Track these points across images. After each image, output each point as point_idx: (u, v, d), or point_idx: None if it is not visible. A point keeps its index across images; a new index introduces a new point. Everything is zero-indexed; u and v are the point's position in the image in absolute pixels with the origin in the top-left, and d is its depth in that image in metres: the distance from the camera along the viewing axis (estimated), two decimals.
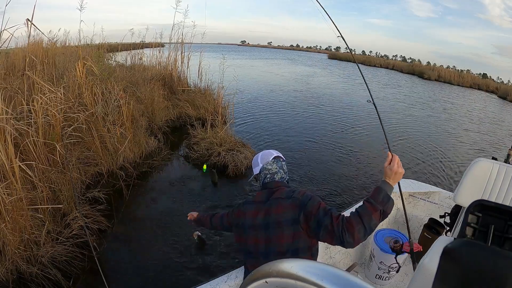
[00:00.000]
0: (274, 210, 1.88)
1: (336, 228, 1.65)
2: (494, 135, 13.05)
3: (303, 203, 1.80)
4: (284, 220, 1.83)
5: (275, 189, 2.00)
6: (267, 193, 2.00)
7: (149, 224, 4.71)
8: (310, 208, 1.77)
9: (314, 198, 1.84)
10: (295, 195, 1.86)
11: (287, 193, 1.92)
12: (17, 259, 3.30)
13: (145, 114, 7.82)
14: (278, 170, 2.11)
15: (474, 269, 0.82)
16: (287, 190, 1.96)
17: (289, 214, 1.82)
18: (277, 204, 1.88)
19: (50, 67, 6.60)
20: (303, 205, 1.80)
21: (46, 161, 4.38)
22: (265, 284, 0.49)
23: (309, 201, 1.81)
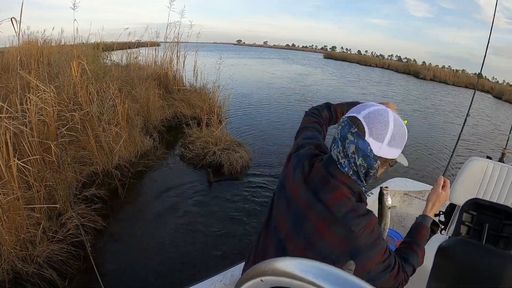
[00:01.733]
0: (312, 216, 1.24)
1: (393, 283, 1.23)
2: (489, 134, 13.11)
3: (358, 251, 1.16)
4: (319, 245, 1.22)
5: (333, 182, 1.21)
6: (322, 176, 1.25)
7: (144, 223, 4.71)
8: (365, 261, 1.17)
9: (378, 245, 1.18)
10: (352, 226, 1.14)
11: (343, 208, 1.17)
12: (13, 259, 3.29)
13: (141, 113, 7.80)
14: (348, 156, 1.17)
15: (468, 267, 0.82)
16: (346, 202, 1.18)
17: (328, 244, 1.20)
18: (319, 213, 1.21)
19: (45, 66, 6.58)
20: (356, 253, 1.16)
21: (41, 161, 4.36)
22: (261, 282, 0.49)
23: (370, 251, 1.16)
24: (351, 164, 1.17)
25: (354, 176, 1.20)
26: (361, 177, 1.20)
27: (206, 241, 4.41)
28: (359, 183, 1.21)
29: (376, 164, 1.16)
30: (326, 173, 1.24)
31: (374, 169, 1.17)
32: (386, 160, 1.20)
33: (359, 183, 1.21)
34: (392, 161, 1.24)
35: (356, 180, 1.21)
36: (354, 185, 1.21)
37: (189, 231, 4.59)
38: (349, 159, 1.17)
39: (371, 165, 1.16)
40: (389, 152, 1.18)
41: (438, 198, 1.45)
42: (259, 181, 6.21)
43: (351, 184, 1.21)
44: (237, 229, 4.73)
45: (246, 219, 4.96)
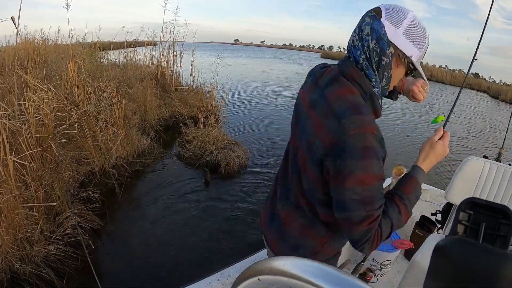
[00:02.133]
0: (313, 114, 1.19)
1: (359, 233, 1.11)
2: (486, 133, 13.15)
3: (342, 151, 1.05)
4: (315, 145, 1.14)
5: (342, 80, 1.18)
6: (333, 75, 1.22)
7: (142, 222, 4.71)
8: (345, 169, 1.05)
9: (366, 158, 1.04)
10: (345, 121, 1.06)
11: (343, 103, 1.11)
12: (11, 259, 3.28)
13: (138, 113, 7.79)
14: (363, 39, 1.13)
15: (465, 266, 0.83)
16: (349, 98, 1.12)
17: (320, 142, 1.12)
18: (321, 110, 1.16)
19: (42, 66, 6.56)
20: (339, 153, 1.06)
21: (39, 160, 4.35)
22: (258, 281, 0.49)
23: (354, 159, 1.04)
24: (364, 48, 1.13)
25: (366, 62, 1.14)
26: (373, 66, 1.14)
27: (203, 240, 4.41)
28: (371, 77, 1.16)
29: (389, 50, 1.11)
30: (338, 71, 1.21)
31: (387, 56, 1.12)
32: (401, 54, 1.13)
33: (371, 77, 1.16)
34: (408, 59, 1.15)
35: (369, 74, 1.16)
36: (366, 83, 1.16)
37: (186, 230, 4.59)
38: (363, 42, 1.13)
39: (383, 50, 1.11)
40: (404, 44, 1.11)
41: (433, 147, 1.27)
42: (256, 180, 6.22)
43: (363, 82, 1.16)
44: (234, 228, 4.73)
45: (243, 218, 4.97)
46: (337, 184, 1.10)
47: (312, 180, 1.22)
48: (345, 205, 1.10)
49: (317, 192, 1.24)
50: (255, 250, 2.49)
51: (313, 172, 1.19)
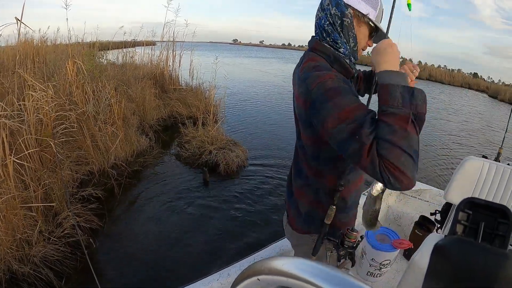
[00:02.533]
0: (296, 93, 1.34)
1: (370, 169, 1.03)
2: (485, 133, 13.16)
3: (313, 106, 1.17)
4: (298, 114, 1.35)
5: (307, 54, 1.39)
6: (304, 53, 1.43)
7: (141, 222, 4.70)
8: (322, 118, 1.13)
9: (332, 98, 1.11)
10: (308, 80, 1.20)
11: (306, 69, 1.26)
12: (9, 259, 3.28)
13: (137, 113, 7.80)
14: (324, 9, 1.31)
15: (464, 266, 0.83)
16: (310, 63, 1.28)
17: (301, 112, 1.28)
18: (298, 87, 1.30)
19: (41, 66, 6.56)
20: (313, 109, 1.18)
21: (38, 160, 4.35)
22: (257, 281, 0.49)
23: (324, 104, 1.12)
24: (327, 16, 1.31)
25: (330, 27, 1.32)
26: (337, 29, 1.31)
27: (202, 240, 4.41)
28: (337, 39, 1.33)
29: (347, 11, 1.28)
30: (308, 49, 1.41)
31: (347, 16, 1.29)
32: (359, 14, 1.30)
33: (337, 39, 1.33)
34: (366, 18, 1.31)
35: (334, 37, 1.33)
36: (326, 48, 1.34)
37: (185, 230, 4.59)
38: (325, 12, 1.32)
39: (343, 12, 1.28)
40: (358, 3, 1.28)
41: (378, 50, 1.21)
42: (255, 180, 6.22)
43: (324, 49, 1.34)
44: (233, 228, 4.73)
45: (242, 218, 4.97)
46: (327, 133, 1.14)
47: (311, 143, 1.37)
48: (342, 146, 1.10)
49: (319, 151, 1.38)
50: (254, 250, 2.50)
51: (308, 136, 1.35)
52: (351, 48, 1.36)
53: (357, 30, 1.33)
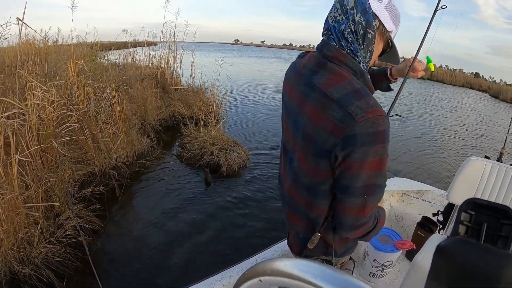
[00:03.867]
0: (307, 107, 1.14)
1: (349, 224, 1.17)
2: (487, 133, 13.14)
3: (352, 140, 1.01)
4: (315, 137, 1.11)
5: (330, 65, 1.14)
6: (316, 61, 1.18)
7: (142, 223, 4.70)
8: (355, 158, 1.03)
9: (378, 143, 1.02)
10: (351, 108, 1.01)
11: (341, 89, 1.06)
12: (10, 260, 3.28)
13: (138, 113, 7.80)
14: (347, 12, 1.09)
15: (467, 267, 0.82)
16: (345, 84, 1.08)
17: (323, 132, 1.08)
18: (315, 101, 1.11)
19: (43, 66, 6.57)
20: (349, 142, 1.02)
21: (39, 160, 4.35)
22: (259, 282, 0.49)
23: (365, 146, 1.01)
24: (349, 21, 1.09)
25: (351, 36, 1.10)
26: (359, 40, 1.11)
27: (204, 241, 4.41)
28: (356, 51, 1.12)
29: (374, 23, 1.10)
30: (320, 56, 1.17)
31: (372, 29, 1.10)
32: (383, 28, 1.14)
33: (356, 51, 1.12)
34: (388, 34, 1.17)
35: (354, 49, 1.12)
36: (352, 62, 1.13)
37: (186, 231, 4.59)
38: (347, 16, 1.09)
39: (369, 22, 1.09)
40: (387, 17, 1.12)
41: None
42: (256, 181, 6.22)
43: (349, 62, 1.12)
44: (235, 228, 4.73)
45: (244, 219, 4.97)
46: (346, 171, 1.07)
47: (314, 175, 1.20)
48: (351, 190, 1.10)
49: (319, 184, 1.20)
50: (256, 251, 2.49)
51: (314, 164, 1.16)
52: (365, 63, 1.18)
53: (376, 46, 1.17)
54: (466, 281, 0.83)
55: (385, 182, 1.12)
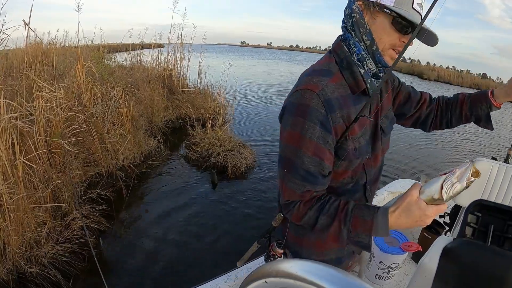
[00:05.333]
0: None
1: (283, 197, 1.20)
2: (494, 134, 13.05)
3: (283, 109, 1.15)
4: None
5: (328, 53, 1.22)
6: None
7: (148, 224, 4.71)
8: (281, 126, 1.15)
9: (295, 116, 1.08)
10: (296, 84, 1.15)
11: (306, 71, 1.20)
12: (18, 259, 3.30)
13: (145, 115, 7.83)
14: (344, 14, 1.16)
15: (473, 269, 0.82)
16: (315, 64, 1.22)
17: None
18: None
19: (50, 68, 6.60)
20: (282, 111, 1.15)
21: (47, 161, 4.38)
22: (265, 284, 0.49)
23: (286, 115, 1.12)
24: (344, 19, 1.15)
25: (344, 29, 1.15)
26: (349, 28, 1.12)
27: (210, 242, 4.41)
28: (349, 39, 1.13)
29: (355, 5, 1.09)
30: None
31: (354, 11, 1.09)
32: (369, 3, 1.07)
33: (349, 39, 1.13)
34: (377, 6, 1.05)
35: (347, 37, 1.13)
36: (342, 51, 1.15)
37: (193, 232, 4.59)
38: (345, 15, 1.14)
39: (350, 7, 1.11)
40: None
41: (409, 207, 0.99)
42: (263, 182, 6.21)
43: (339, 50, 1.15)
44: (241, 230, 4.73)
45: (250, 219, 4.97)
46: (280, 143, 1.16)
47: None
48: (278, 158, 1.19)
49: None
50: (262, 252, 2.49)
51: None
52: (367, 47, 1.11)
53: (372, 24, 1.08)
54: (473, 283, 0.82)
55: (309, 169, 1.10)
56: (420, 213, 0.97)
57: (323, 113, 1.05)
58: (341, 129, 1.11)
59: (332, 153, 1.13)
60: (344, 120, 1.11)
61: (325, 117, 1.06)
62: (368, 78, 1.14)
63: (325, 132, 1.07)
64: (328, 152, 1.11)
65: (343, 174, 1.21)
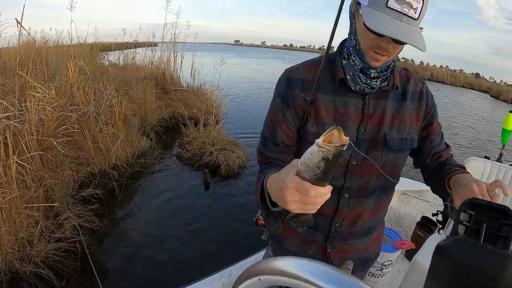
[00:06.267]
0: None
1: None
2: (487, 133, 13.13)
3: None
4: None
5: None
6: None
7: (141, 223, 4.71)
8: None
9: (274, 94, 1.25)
10: None
11: None
12: (11, 259, 3.29)
13: (138, 114, 7.80)
14: None
15: (466, 267, 0.82)
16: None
17: None
18: None
19: (43, 67, 6.56)
20: None
21: (39, 160, 4.35)
22: (258, 281, 0.49)
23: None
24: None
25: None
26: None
27: (203, 240, 4.41)
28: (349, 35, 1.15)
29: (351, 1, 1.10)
30: None
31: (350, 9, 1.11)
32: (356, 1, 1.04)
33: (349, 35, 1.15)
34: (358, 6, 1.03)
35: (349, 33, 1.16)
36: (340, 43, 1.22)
37: (186, 230, 4.59)
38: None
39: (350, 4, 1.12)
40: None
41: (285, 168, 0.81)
42: (255, 181, 6.20)
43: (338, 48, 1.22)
44: (234, 228, 4.74)
45: (244, 219, 4.96)
46: None
47: None
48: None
49: None
50: (255, 250, 2.49)
51: None
52: (353, 47, 1.11)
53: (356, 23, 1.08)
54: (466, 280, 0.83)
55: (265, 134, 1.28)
56: (283, 180, 0.77)
57: (284, 88, 1.20)
58: (302, 109, 1.18)
59: (291, 128, 1.21)
60: (307, 102, 1.16)
61: (285, 92, 1.19)
62: (351, 71, 1.14)
63: (283, 105, 1.20)
64: (284, 124, 1.20)
65: None
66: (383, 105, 1.20)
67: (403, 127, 1.23)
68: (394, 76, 1.19)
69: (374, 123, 1.19)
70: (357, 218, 1.28)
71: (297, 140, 1.23)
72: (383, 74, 1.14)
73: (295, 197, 0.74)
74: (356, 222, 1.29)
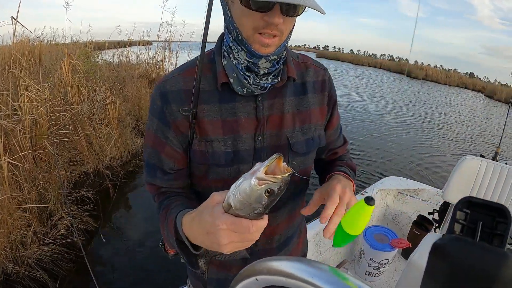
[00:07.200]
0: None
1: None
2: (482, 133, 13.19)
3: None
4: None
5: None
6: None
7: (136, 223, 4.70)
8: None
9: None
10: None
11: None
12: (3, 261, 3.26)
13: (132, 113, 7.77)
14: None
15: (462, 265, 0.82)
16: None
17: None
18: None
19: (37, 65, 6.54)
20: None
21: (33, 160, 4.33)
22: (256, 281, 0.49)
23: None
24: None
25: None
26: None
27: None
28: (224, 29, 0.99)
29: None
30: None
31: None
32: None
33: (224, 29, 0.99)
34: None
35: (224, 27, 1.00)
36: (217, 41, 1.03)
37: None
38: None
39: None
40: None
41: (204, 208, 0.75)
42: None
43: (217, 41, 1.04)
44: None
45: None
46: None
47: None
48: None
49: None
50: None
51: None
52: (234, 39, 0.93)
53: (232, 10, 0.91)
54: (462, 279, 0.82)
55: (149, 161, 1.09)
56: (211, 221, 0.69)
57: (159, 105, 0.98)
58: (185, 126, 0.99)
59: (177, 150, 1.03)
60: (189, 116, 0.97)
61: (161, 109, 0.98)
62: (234, 72, 0.96)
63: (163, 125, 1.00)
64: (168, 147, 1.02)
65: (205, 180, 1.09)
66: (280, 104, 1.04)
67: (308, 126, 1.09)
68: (288, 68, 1.03)
69: (272, 127, 1.04)
70: (273, 234, 1.17)
71: (187, 161, 1.06)
72: (274, 68, 0.98)
73: (232, 238, 0.68)
74: (273, 238, 1.18)
